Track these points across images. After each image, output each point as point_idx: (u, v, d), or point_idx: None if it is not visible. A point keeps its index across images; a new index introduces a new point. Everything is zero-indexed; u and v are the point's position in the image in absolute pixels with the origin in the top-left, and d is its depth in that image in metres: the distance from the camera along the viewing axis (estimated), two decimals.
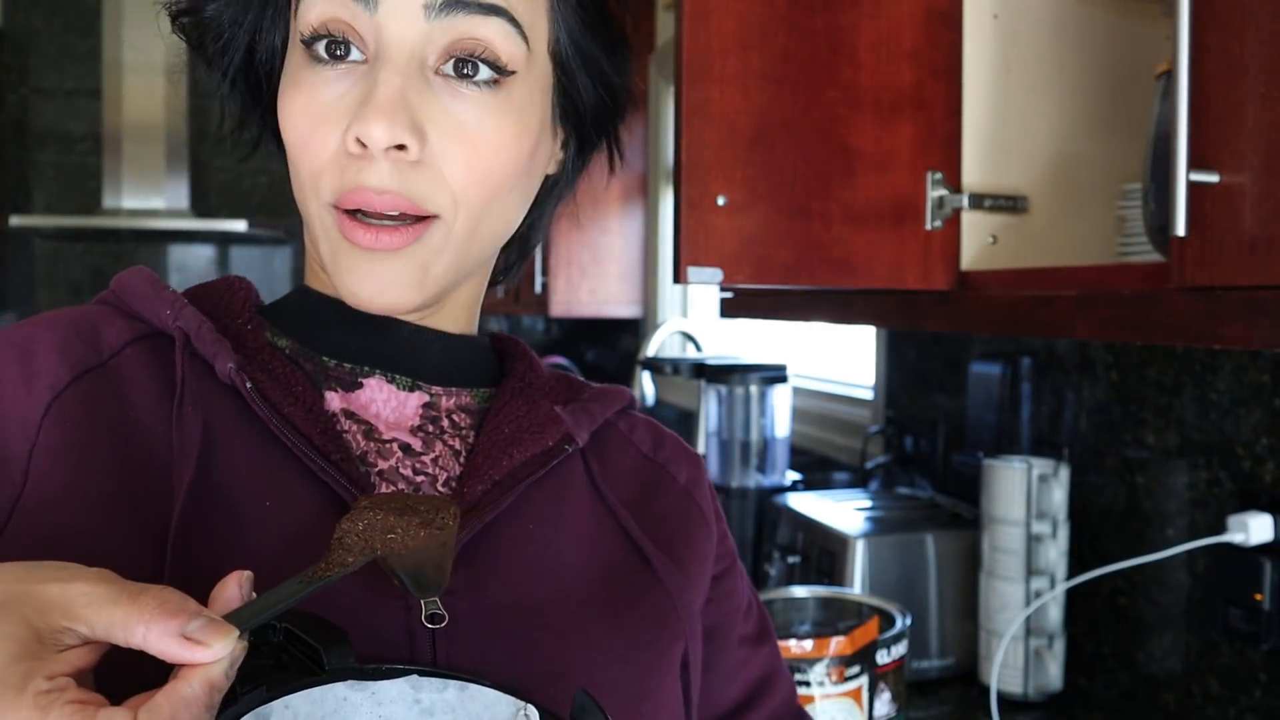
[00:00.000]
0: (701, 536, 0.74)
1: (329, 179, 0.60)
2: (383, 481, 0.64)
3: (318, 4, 0.59)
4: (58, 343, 0.61)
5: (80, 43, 4.09)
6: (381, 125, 0.57)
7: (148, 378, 0.61)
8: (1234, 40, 0.70)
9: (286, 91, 0.61)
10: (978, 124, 1.08)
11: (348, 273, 0.61)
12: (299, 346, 0.67)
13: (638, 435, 0.76)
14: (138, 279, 0.66)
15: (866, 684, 1.02)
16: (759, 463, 1.75)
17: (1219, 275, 0.72)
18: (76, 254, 4.15)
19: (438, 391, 0.68)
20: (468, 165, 0.60)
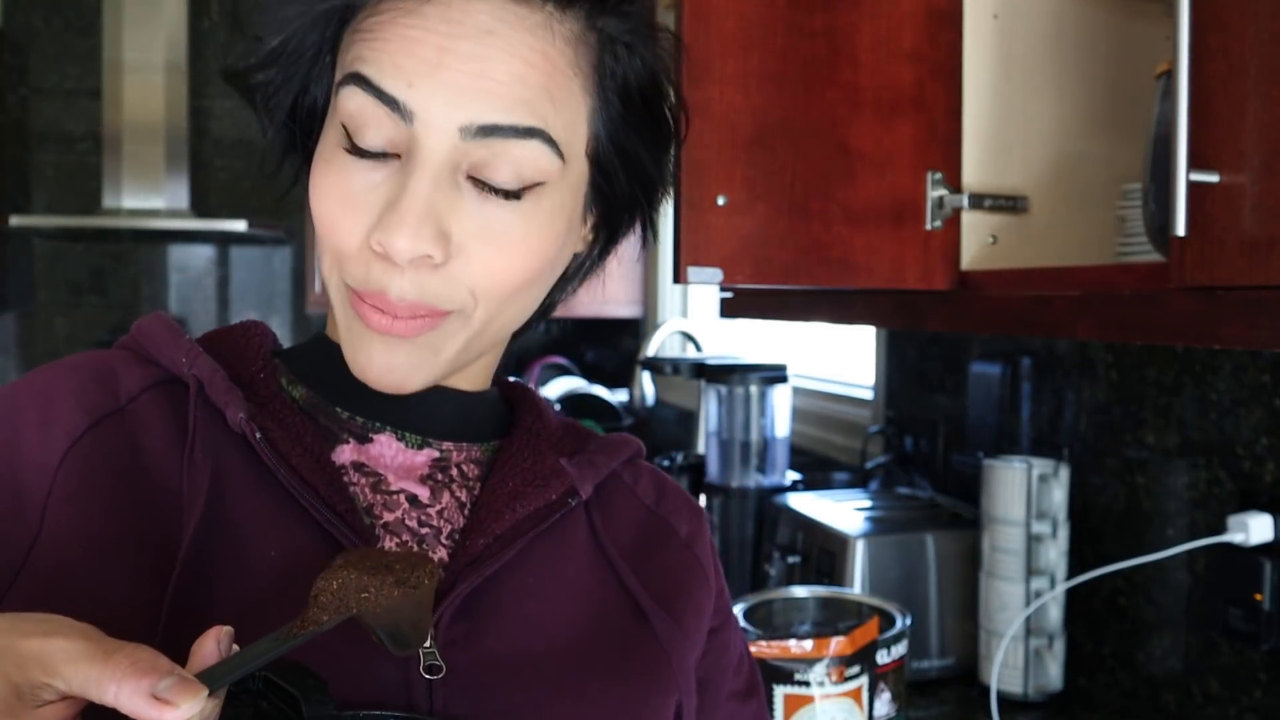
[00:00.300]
0: (700, 591, 0.74)
1: (353, 268, 0.61)
2: (387, 534, 0.64)
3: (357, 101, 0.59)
4: (75, 389, 0.62)
5: (80, 42, 4.09)
6: (406, 238, 0.57)
7: (163, 423, 0.63)
8: (1234, 40, 0.70)
9: (319, 167, 0.62)
10: (978, 124, 1.08)
11: (359, 350, 0.62)
12: (313, 396, 0.68)
13: (641, 486, 0.76)
14: (156, 325, 0.67)
15: (866, 684, 1.02)
16: (759, 463, 1.75)
17: (1219, 275, 0.72)
18: (76, 254, 4.15)
19: (448, 448, 0.69)
20: (492, 268, 0.60)
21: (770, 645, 0.98)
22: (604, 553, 0.70)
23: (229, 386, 0.63)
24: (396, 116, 0.58)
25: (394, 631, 0.52)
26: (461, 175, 0.59)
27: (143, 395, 0.63)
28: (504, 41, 0.59)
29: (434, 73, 0.58)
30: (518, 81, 0.59)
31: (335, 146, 0.61)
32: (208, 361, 0.64)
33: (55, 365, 0.65)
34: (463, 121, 0.58)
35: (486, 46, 0.58)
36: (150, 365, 0.65)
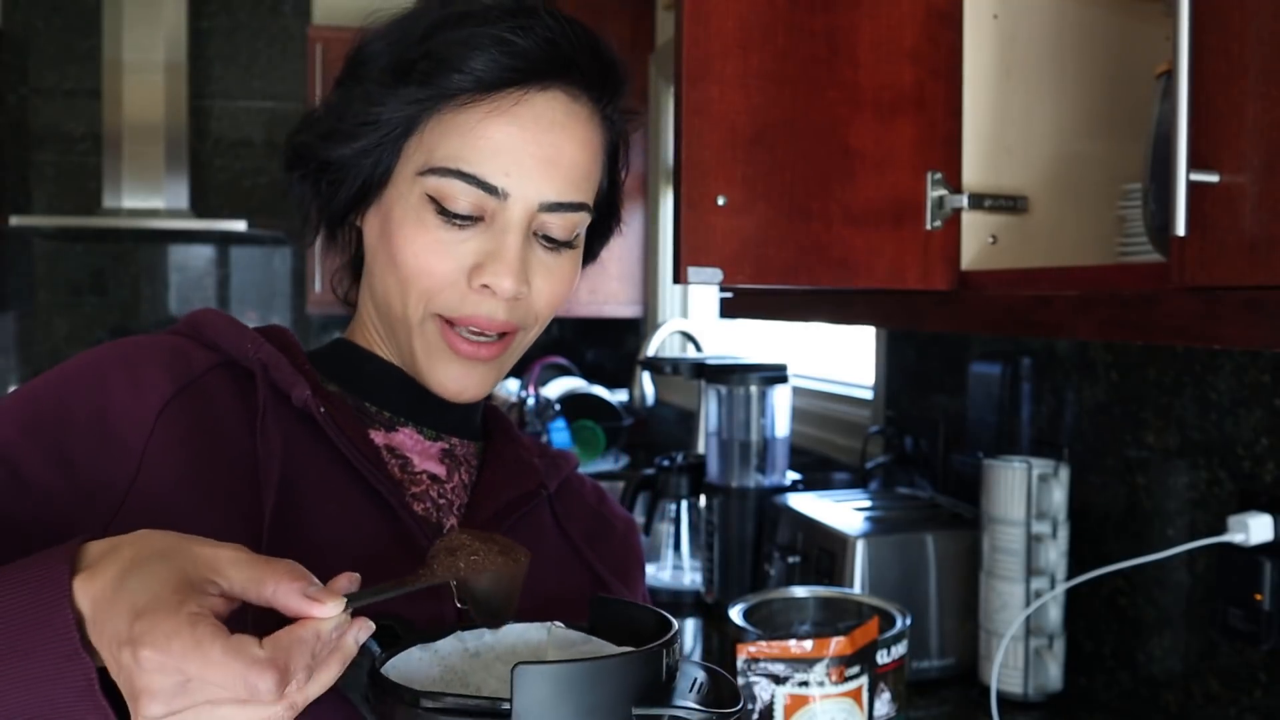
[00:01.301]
0: (636, 572, 0.95)
1: (445, 299, 0.77)
2: (415, 501, 0.80)
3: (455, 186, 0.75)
4: (159, 360, 0.74)
5: (80, 43, 4.09)
6: (511, 281, 0.76)
7: (230, 397, 0.75)
8: (1234, 40, 0.70)
9: (408, 226, 0.77)
10: (978, 124, 1.08)
11: (442, 372, 0.80)
12: (345, 392, 0.83)
13: (586, 491, 0.96)
14: (217, 317, 0.80)
15: (866, 684, 1.02)
16: (759, 463, 1.75)
17: (1219, 275, 0.72)
18: (77, 254, 4.15)
19: (454, 441, 0.86)
20: (551, 297, 0.81)
21: (770, 645, 0.98)
22: (567, 536, 0.88)
23: (293, 369, 0.76)
24: (490, 195, 0.76)
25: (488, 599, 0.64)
26: (531, 232, 0.78)
27: (210, 372, 0.76)
28: (568, 132, 0.78)
29: (524, 163, 0.76)
30: (576, 167, 0.78)
31: (422, 211, 0.77)
32: (271, 349, 0.77)
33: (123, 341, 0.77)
34: (541, 200, 0.77)
35: (556, 136, 0.77)
36: (211, 349, 0.77)
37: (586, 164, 0.79)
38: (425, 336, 0.79)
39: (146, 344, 0.76)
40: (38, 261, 4.13)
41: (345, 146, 0.78)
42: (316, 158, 0.80)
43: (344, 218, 0.84)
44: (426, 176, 0.76)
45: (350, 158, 0.78)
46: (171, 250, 4.23)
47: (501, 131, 0.75)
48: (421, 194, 0.76)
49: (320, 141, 0.80)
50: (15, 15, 4.08)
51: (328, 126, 0.79)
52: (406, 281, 0.77)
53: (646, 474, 1.94)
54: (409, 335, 0.80)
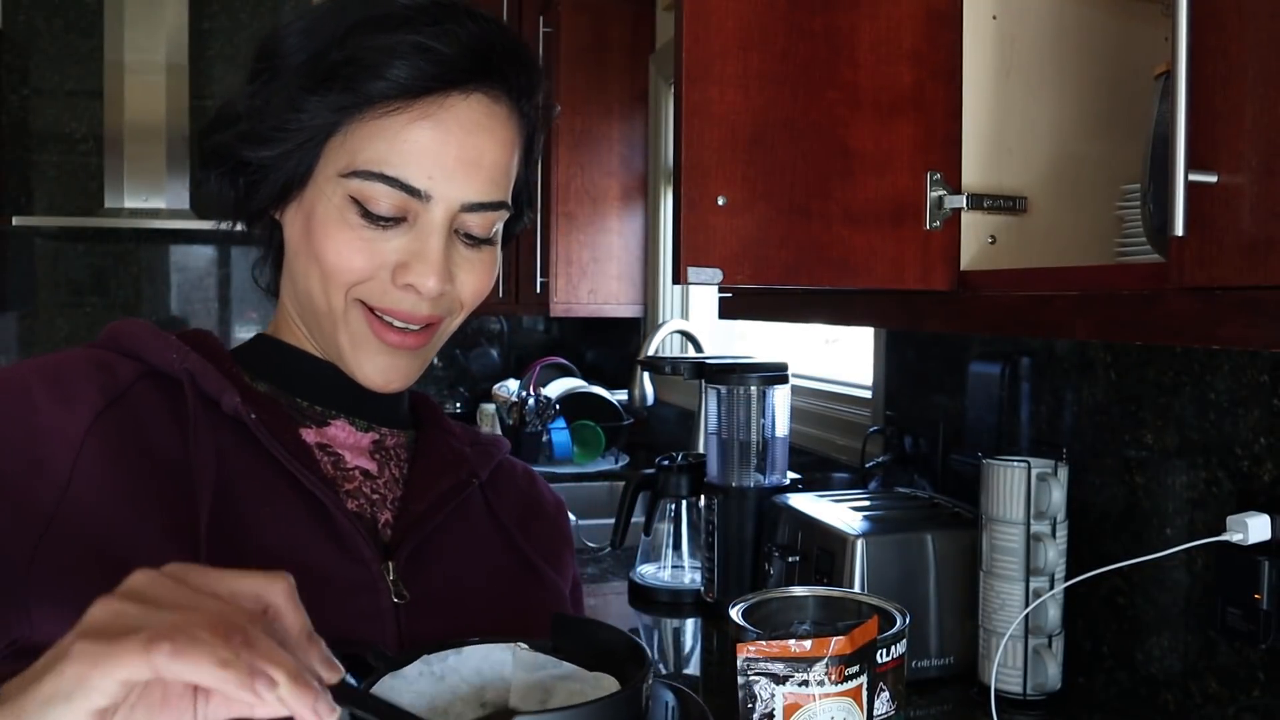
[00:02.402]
0: (566, 553, 0.99)
1: (369, 290, 0.79)
2: (349, 498, 0.82)
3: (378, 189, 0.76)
4: (87, 373, 0.74)
5: (81, 43, 4.09)
6: (434, 280, 0.78)
7: (159, 407, 0.75)
8: (1233, 41, 0.70)
9: (329, 225, 0.78)
10: (977, 124, 1.09)
11: (369, 363, 0.81)
12: (276, 390, 0.84)
13: (517, 474, 0.99)
14: (137, 327, 0.80)
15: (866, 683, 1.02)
16: (759, 463, 1.75)
17: (1218, 275, 0.72)
18: (78, 254, 4.15)
19: (385, 432, 0.88)
20: (472, 289, 0.83)
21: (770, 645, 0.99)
22: (499, 522, 0.90)
23: (220, 376, 0.77)
24: (413, 198, 0.77)
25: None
26: (453, 231, 0.80)
27: (137, 383, 0.76)
28: (489, 134, 0.79)
29: (446, 167, 0.77)
30: (496, 167, 0.80)
31: (344, 211, 0.77)
32: (197, 357, 0.77)
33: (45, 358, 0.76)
34: (463, 201, 0.79)
35: (478, 139, 0.78)
36: (134, 360, 0.78)
37: (505, 163, 0.81)
38: (350, 327, 0.80)
39: (70, 359, 0.76)
40: (39, 261, 4.13)
41: (265, 149, 0.78)
42: (235, 157, 0.81)
43: (262, 212, 0.84)
44: (350, 179, 0.77)
45: (270, 159, 0.79)
46: (172, 250, 4.23)
47: (424, 135, 0.76)
48: (344, 195, 0.77)
49: (239, 142, 0.80)
50: (16, 16, 4.08)
51: (247, 128, 0.79)
52: (329, 276, 0.78)
53: (646, 474, 1.95)
54: (334, 327, 0.80)
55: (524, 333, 4.32)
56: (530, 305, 3.30)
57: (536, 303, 3.22)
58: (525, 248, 3.28)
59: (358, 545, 0.77)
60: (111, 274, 4.19)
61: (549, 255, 3.11)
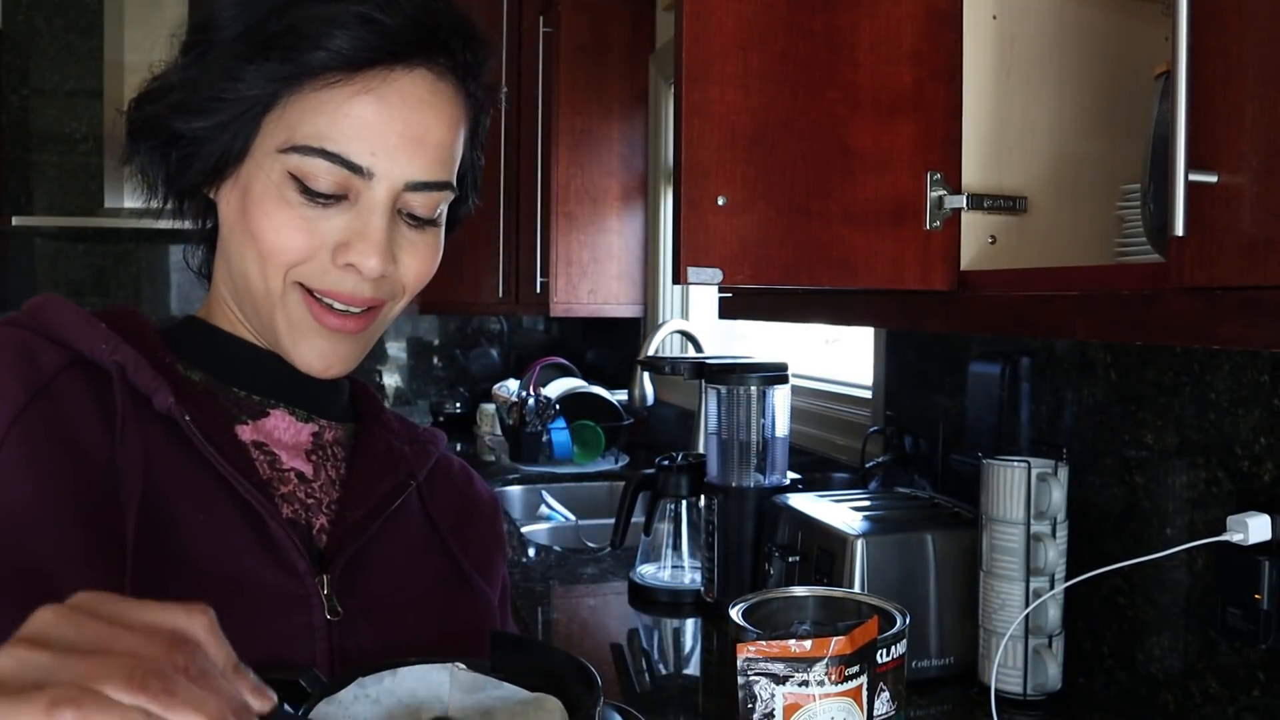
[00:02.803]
0: (498, 555, 0.96)
1: (308, 271, 0.76)
2: (284, 503, 0.79)
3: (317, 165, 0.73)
4: (9, 364, 0.69)
5: (81, 43, 4.09)
6: (376, 260, 0.75)
7: (85, 402, 0.71)
8: (1233, 41, 0.70)
9: (266, 202, 0.75)
10: (977, 124, 1.08)
11: (307, 347, 0.78)
12: (210, 380, 0.80)
13: (454, 472, 0.96)
14: (65, 309, 0.74)
15: (866, 683, 1.02)
16: (759, 463, 1.75)
17: (1218, 275, 0.72)
18: (78, 254, 4.15)
19: (324, 424, 0.85)
20: (416, 271, 0.80)
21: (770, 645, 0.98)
22: (434, 525, 0.88)
23: (154, 374, 0.73)
24: (355, 175, 0.74)
25: None
26: (395, 211, 0.77)
27: (61, 375, 0.71)
28: (434, 111, 0.77)
29: (390, 143, 0.74)
30: (442, 146, 0.78)
31: (283, 188, 0.74)
32: (129, 349, 0.73)
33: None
34: (407, 179, 0.76)
35: (423, 116, 0.76)
36: (59, 346, 0.73)
37: (450, 142, 0.79)
38: (288, 310, 0.77)
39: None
40: (39, 261, 4.13)
41: (200, 120, 0.75)
42: (168, 129, 0.77)
43: (194, 190, 0.81)
44: (288, 154, 0.74)
45: (205, 131, 0.75)
46: (173, 250, 4.23)
47: (367, 110, 0.73)
48: (283, 171, 0.74)
49: (172, 113, 0.76)
50: (16, 16, 4.08)
51: (181, 98, 0.75)
52: (266, 256, 0.75)
53: (646, 474, 1.95)
54: (270, 310, 0.77)
55: (524, 333, 4.32)
56: (530, 305, 3.30)
57: (536, 303, 3.22)
58: (525, 248, 3.29)
59: (291, 558, 0.74)
60: (111, 274, 4.19)
61: (549, 255, 3.11)
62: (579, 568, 2.10)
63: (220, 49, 0.75)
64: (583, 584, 2.00)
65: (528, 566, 2.09)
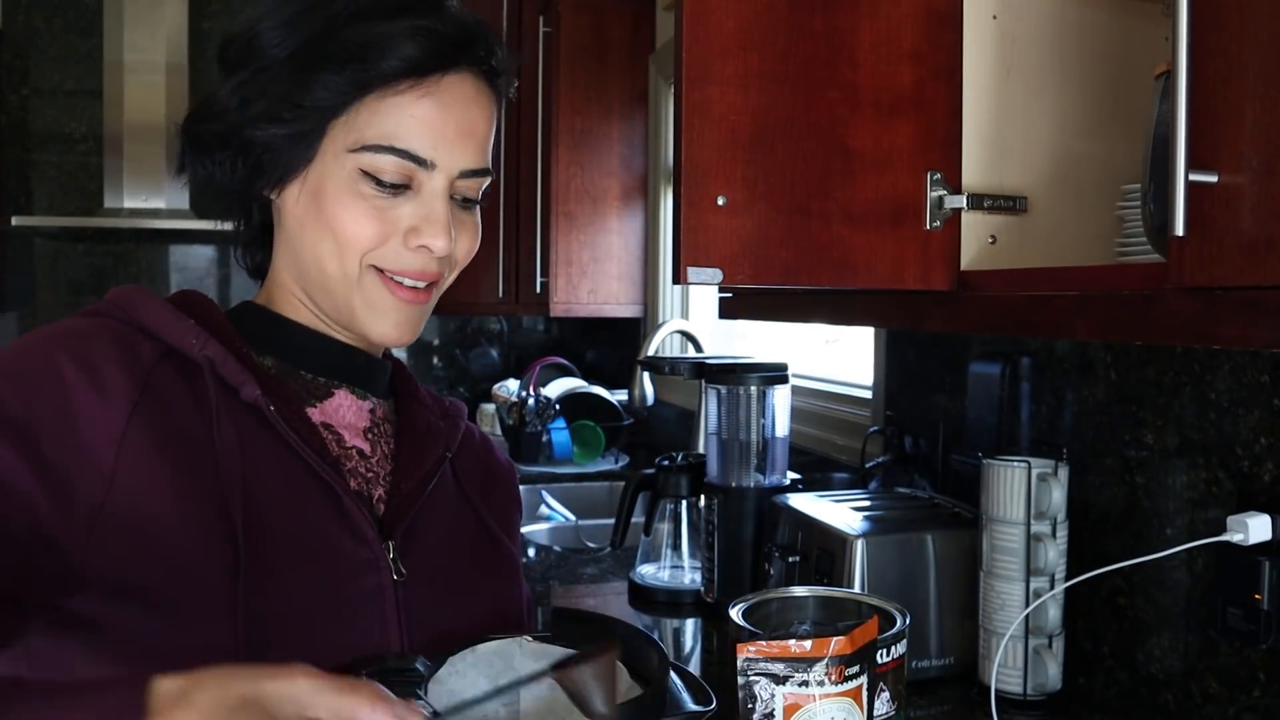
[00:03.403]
0: (516, 516, 1.08)
1: (382, 255, 0.86)
2: (351, 477, 0.89)
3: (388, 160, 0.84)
4: (116, 356, 0.78)
5: (81, 43, 4.09)
6: (444, 241, 0.86)
7: (181, 393, 0.80)
8: (1233, 41, 0.70)
9: (345, 198, 0.85)
10: (978, 124, 1.08)
11: (384, 319, 0.88)
12: (281, 365, 0.90)
13: (475, 442, 1.06)
14: (153, 303, 0.83)
15: (866, 683, 1.02)
16: (759, 463, 1.75)
17: (1218, 275, 0.72)
18: (78, 254, 4.15)
19: (377, 401, 0.95)
20: (468, 249, 0.92)
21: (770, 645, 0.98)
22: (465, 493, 0.99)
23: (240, 367, 0.82)
24: (420, 167, 0.85)
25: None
26: (450, 196, 0.88)
27: (158, 366, 0.80)
28: (479, 106, 0.89)
29: (448, 137, 0.86)
30: (485, 136, 0.90)
31: (356, 183, 0.85)
32: (216, 344, 0.82)
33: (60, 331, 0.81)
34: (462, 167, 0.87)
35: (470, 112, 0.88)
36: (149, 337, 0.82)
37: (490, 133, 0.91)
38: (365, 290, 0.87)
39: (89, 334, 0.80)
40: (39, 261, 4.13)
41: (279, 128, 0.85)
42: (241, 139, 0.86)
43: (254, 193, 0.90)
44: (360, 153, 0.84)
45: (281, 138, 0.85)
46: (172, 250, 4.23)
47: (428, 111, 0.85)
48: (354, 168, 0.85)
49: (250, 124, 0.85)
50: (16, 16, 4.07)
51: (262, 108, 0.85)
52: (345, 244, 0.85)
53: (646, 474, 1.95)
54: (347, 293, 0.87)
55: (524, 333, 4.32)
56: (530, 305, 3.30)
57: (536, 303, 3.22)
58: (525, 248, 3.29)
59: (362, 527, 0.85)
60: (111, 274, 4.18)
61: (549, 255, 3.10)
62: (579, 568, 2.10)
63: (278, 66, 0.85)
64: (583, 584, 2.00)
65: (528, 567, 2.08)
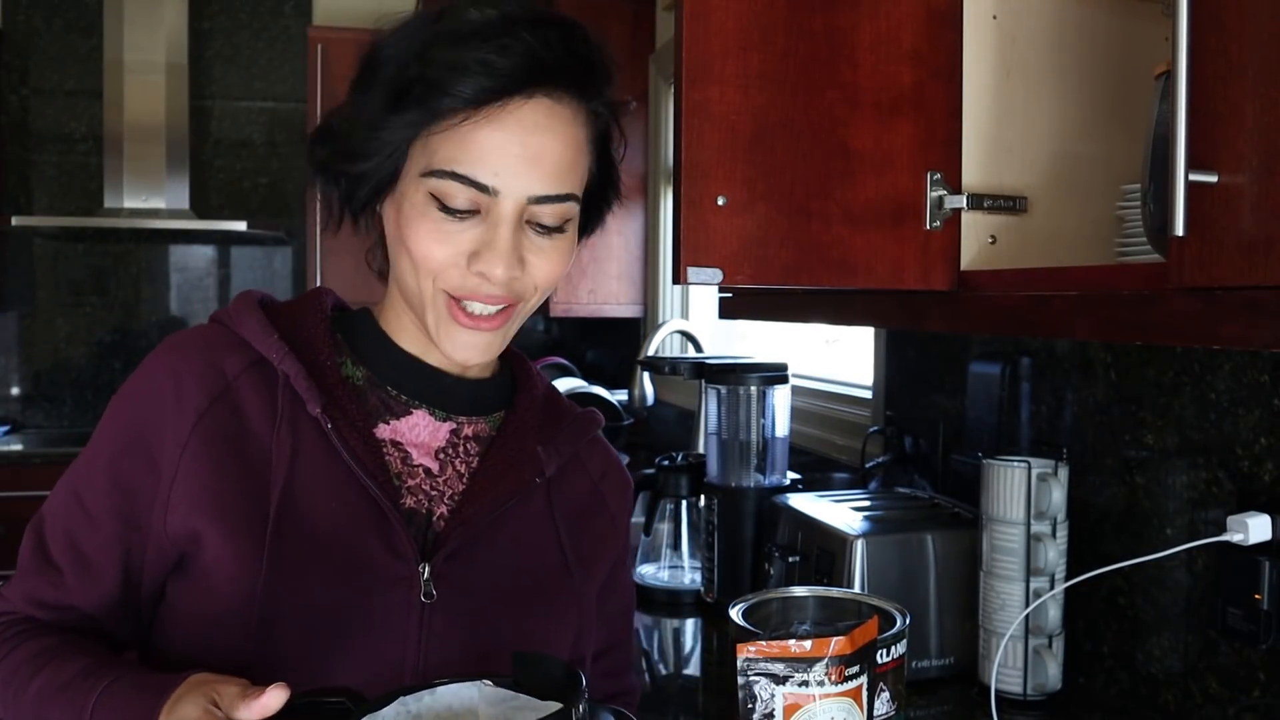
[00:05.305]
0: (610, 553, 1.05)
1: (449, 278, 0.88)
2: (409, 494, 0.92)
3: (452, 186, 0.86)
4: (199, 369, 0.88)
5: (81, 43, 4.09)
6: (502, 269, 0.87)
7: (258, 399, 0.88)
8: (1233, 41, 0.70)
9: (415, 217, 0.88)
10: (978, 124, 1.08)
11: (448, 341, 0.90)
12: (371, 377, 0.95)
13: (593, 463, 1.05)
14: (252, 317, 0.91)
15: (866, 683, 1.02)
16: (759, 463, 1.75)
17: (1218, 275, 0.72)
18: (78, 254, 4.15)
19: (462, 420, 0.97)
20: (545, 274, 0.90)
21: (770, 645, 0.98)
22: (553, 521, 0.98)
23: (309, 384, 0.88)
24: (483, 193, 0.86)
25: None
26: (525, 222, 0.88)
27: (242, 375, 0.89)
28: (551, 133, 0.87)
29: (510, 164, 0.86)
30: (560, 162, 0.88)
31: (426, 206, 0.87)
32: (293, 361, 0.89)
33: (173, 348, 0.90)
34: (529, 194, 0.87)
35: (540, 138, 0.86)
36: (243, 346, 0.90)
37: (570, 158, 0.89)
38: (436, 310, 0.90)
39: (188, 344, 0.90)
40: (39, 261, 4.13)
41: (357, 164, 0.90)
42: (335, 169, 0.92)
43: (365, 208, 0.94)
44: (428, 178, 0.86)
45: (363, 170, 0.90)
46: (172, 250, 4.23)
47: (489, 138, 0.85)
48: (426, 192, 0.87)
49: (336, 159, 0.92)
50: (16, 16, 4.08)
51: (340, 147, 0.91)
52: (418, 265, 0.88)
53: (646, 474, 1.95)
54: (423, 309, 0.90)
55: (524, 333, 4.30)
56: None
57: None
58: None
59: (401, 543, 0.88)
60: (111, 274, 4.18)
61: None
62: None
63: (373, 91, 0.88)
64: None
65: None
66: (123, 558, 0.88)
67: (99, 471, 0.88)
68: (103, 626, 0.90)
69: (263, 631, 0.84)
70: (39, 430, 4.05)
